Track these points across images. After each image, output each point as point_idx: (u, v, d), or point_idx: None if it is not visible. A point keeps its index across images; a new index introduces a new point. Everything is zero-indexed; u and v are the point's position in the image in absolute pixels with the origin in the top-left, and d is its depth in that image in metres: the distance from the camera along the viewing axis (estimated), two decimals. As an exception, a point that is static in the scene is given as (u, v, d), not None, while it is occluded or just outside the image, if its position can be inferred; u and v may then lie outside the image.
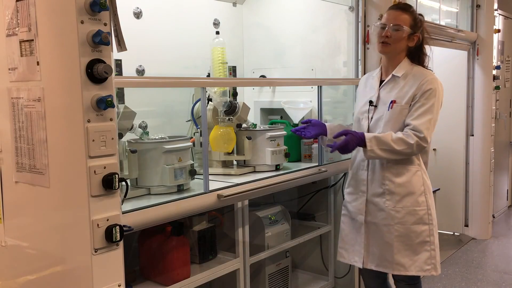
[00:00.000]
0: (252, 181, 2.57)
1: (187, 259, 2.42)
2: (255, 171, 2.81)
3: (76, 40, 1.54)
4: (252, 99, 3.59)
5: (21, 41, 1.71)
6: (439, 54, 4.61)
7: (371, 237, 2.55)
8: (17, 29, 1.72)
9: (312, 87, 3.28)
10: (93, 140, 1.59)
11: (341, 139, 2.40)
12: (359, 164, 2.59)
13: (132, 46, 1.78)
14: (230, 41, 3.17)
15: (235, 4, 3.64)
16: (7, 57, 1.79)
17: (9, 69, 1.79)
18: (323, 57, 3.48)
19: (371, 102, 2.53)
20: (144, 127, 2.85)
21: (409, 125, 2.40)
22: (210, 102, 2.79)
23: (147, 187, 2.26)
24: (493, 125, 5.04)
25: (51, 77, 1.65)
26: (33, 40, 1.67)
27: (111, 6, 1.63)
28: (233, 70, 3.13)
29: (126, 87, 2.32)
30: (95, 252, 1.61)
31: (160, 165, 2.25)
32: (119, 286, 1.70)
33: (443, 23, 4.50)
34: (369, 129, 2.52)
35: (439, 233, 2.60)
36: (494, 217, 5.35)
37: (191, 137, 2.69)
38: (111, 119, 1.64)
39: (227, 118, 2.75)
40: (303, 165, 3.01)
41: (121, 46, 1.71)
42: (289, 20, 3.56)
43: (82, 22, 1.55)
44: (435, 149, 5.09)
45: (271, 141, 2.82)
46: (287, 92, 3.51)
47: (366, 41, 3.32)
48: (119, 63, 2.27)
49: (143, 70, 2.96)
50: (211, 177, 2.50)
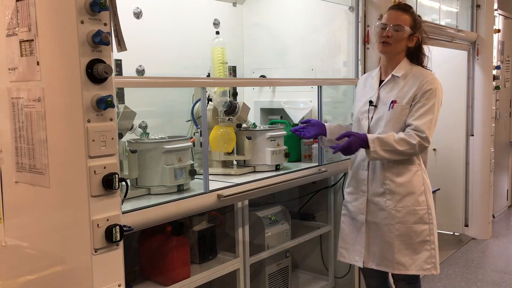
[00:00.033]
0: (252, 181, 2.57)
1: (187, 259, 2.42)
2: (255, 171, 2.81)
3: (76, 40, 1.54)
4: (252, 99, 3.59)
5: (21, 41, 1.71)
6: (439, 54, 4.62)
7: (371, 237, 2.55)
8: (17, 29, 1.72)
9: (312, 87, 3.28)
10: (93, 140, 1.59)
11: (343, 140, 2.40)
12: (359, 164, 2.59)
13: (132, 46, 1.78)
14: (230, 41, 3.17)
15: (235, 4, 3.64)
16: (7, 57, 1.79)
17: (9, 69, 1.79)
18: (323, 57, 3.48)
19: (371, 102, 2.53)
20: (144, 127, 2.84)
21: (411, 125, 2.40)
22: (210, 102, 2.79)
23: (147, 187, 2.26)
24: (493, 125, 5.04)
25: (51, 77, 1.65)
26: (33, 40, 1.67)
27: (111, 6, 1.63)
28: (233, 70, 3.13)
29: (126, 87, 2.32)
30: (95, 252, 1.61)
31: (160, 165, 2.25)
32: (119, 286, 1.70)
33: (443, 23, 4.50)
34: (369, 129, 2.53)
35: (439, 233, 2.60)
36: (494, 217, 5.34)
37: (191, 137, 2.69)
38: (111, 119, 1.64)
39: (227, 118, 2.75)
40: (303, 165, 3.01)
41: (121, 46, 1.71)
42: (289, 20, 3.56)
43: (82, 22, 1.55)
44: (435, 149, 5.09)
45: (271, 141, 2.82)
46: (287, 92, 3.51)
47: (366, 41, 3.32)
48: (119, 63, 2.27)
49: (143, 70, 2.96)
50: (211, 177, 2.50)
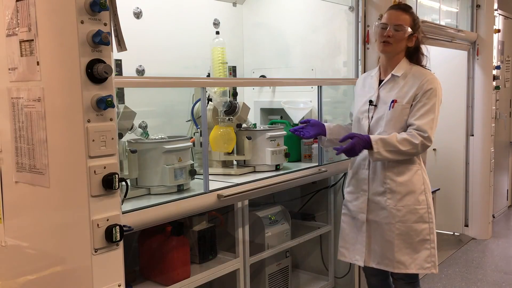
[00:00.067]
0: (252, 181, 2.58)
1: (187, 259, 2.42)
2: (255, 171, 2.81)
3: (76, 40, 1.54)
4: (252, 99, 3.59)
5: (21, 41, 1.71)
6: (439, 54, 4.62)
7: (372, 236, 2.55)
8: (17, 29, 1.72)
9: (312, 87, 3.28)
10: (93, 140, 1.59)
11: (346, 142, 2.40)
12: (360, 163, 2.59)
13: (132, 46, 1.78)
14: (230, 41, 3.17)
15: (235, 4, 3.64)
16: (7, 57, 1.79)
17: (9, 69, 1.79)
18: (323, 57, 3.48)
19: (371, 101, 2.53)
20: (144, 127, 2.84)
21: (413, 125, 2.40)
22: (210, 102, 2.79)
23: (147, 187, 2.26)
24: (493, 125, 5.04)
25: (51, 77, 1.65)
26: (33, 40, 1.67)
27: (111, 6, 1.63)
28: (233, 70, 3.13)
29: (126, 87, 2.32)
30: (95, 252, 1.61)
31: (160, 165, 2.25)
32: (119, 286, 1.70)
33: (443, 23, 4.50)
34: (369, 128, 2.53)
35: (439, 233, 2.61)
36: (494, 217, 5.34)
37: (191, 137, 2.69)
38: (111, 119, 1.64)
39: (227, 118, 2.75)
40: (303, 165, 3.01)
41: (121, 46, 1.71)
42: (289, 20, 3.56)
43: (82, 22, 1.55)
44: (435, 149, 5.09)
45: (271, 141, 2.82)
46: (287, 92, 3.51)
47: (366, 41, 3.32)
48: (119, 63, 2.27)
49: (143, 70, 2.96)
50: (211, 177, 2.50)
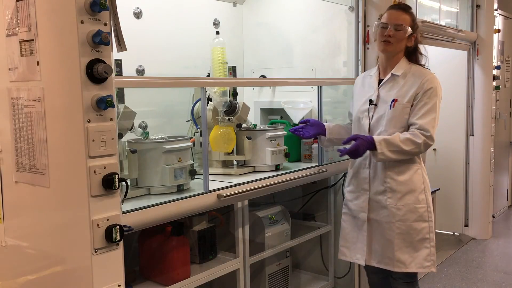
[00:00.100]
0: (252, 181, 2.58)
1: (187, 259, 2.42)
2: (255, 171, 2.81)
3: (76, 40, 1.54)
4: (252, 99, 3.59)
5: (21, 41, 1.71)
6: (439, 54, 4.62)
7: (373, 235, 2.56)
8: (17, 29, 1.72)
9: (312, 87, 3.28)
10: (93, 140, 1.59)
11: (350, 144, 2.40)
12: (360, 162, 2.59)
13: (132, 46, 1.78)
14: (230, 41, 3.17)
15: (235, 4, 3.64)
16: (7, 57, 1.79)
17: (9, 69, 1.79)
18: (323, 57, 3.48)
19: (371, 101, 2.53)
20: (144, 127, 2.85)
21: (415, 124, 2.41)
22: (210, 102, 2.79)
23: (147, 187, 2.26)
24: (493, 125, 5.04)
25: (51, 77, 1.65)
26: (33, 40, 1.67)
27: (111, 6, 1.63)
28: (233, 70, 3.13)
29: (126, 87, 2.32)
30: (95, 252, 1.61)
31: (160, 165, 2.25)
32: (119, 286, 1.70)
33: (443, 23, 4.50)
34: (370, 127, 2.53)
35: (439, 233, 2.61)
36: (494, 217, 5.34)
37: (191, 137, 2.69)
38: (111, 119, 1.64)
39: (227, 118, 2.75)
40: (303, 165, 3.01)
41: (121, 46, 1.71)
42: (289, 20, 3.56)
43: (82, 22, 1.55)
44: (435, 149, 5.09)
45: (271, 141, 2.82)
46: (287, 92, 3.51)
47: (366, 41, 3.32)
48: (119, 63, 2.27)
49: (143, 70, 2.96)
50: (211, 177, 2.50)
